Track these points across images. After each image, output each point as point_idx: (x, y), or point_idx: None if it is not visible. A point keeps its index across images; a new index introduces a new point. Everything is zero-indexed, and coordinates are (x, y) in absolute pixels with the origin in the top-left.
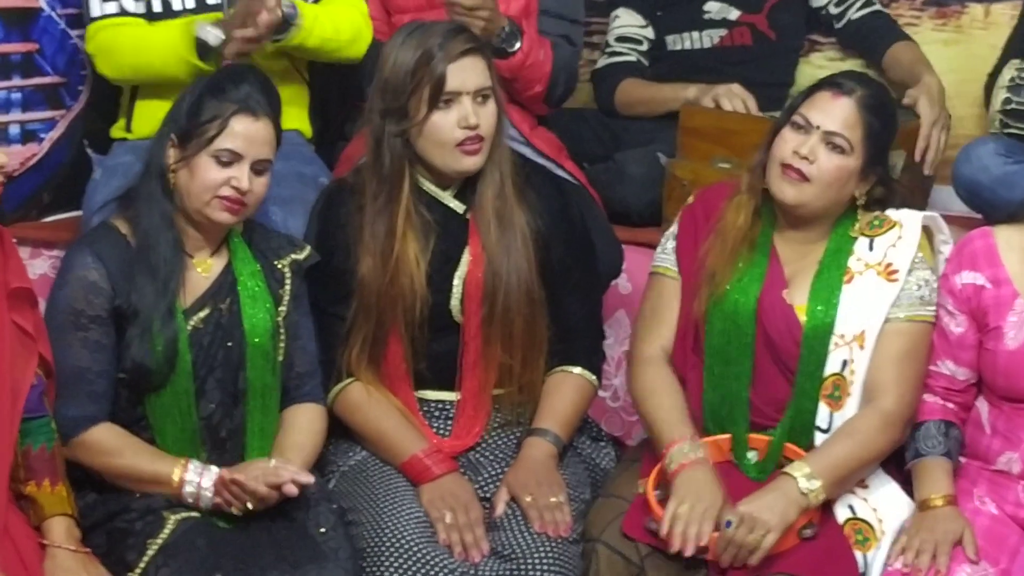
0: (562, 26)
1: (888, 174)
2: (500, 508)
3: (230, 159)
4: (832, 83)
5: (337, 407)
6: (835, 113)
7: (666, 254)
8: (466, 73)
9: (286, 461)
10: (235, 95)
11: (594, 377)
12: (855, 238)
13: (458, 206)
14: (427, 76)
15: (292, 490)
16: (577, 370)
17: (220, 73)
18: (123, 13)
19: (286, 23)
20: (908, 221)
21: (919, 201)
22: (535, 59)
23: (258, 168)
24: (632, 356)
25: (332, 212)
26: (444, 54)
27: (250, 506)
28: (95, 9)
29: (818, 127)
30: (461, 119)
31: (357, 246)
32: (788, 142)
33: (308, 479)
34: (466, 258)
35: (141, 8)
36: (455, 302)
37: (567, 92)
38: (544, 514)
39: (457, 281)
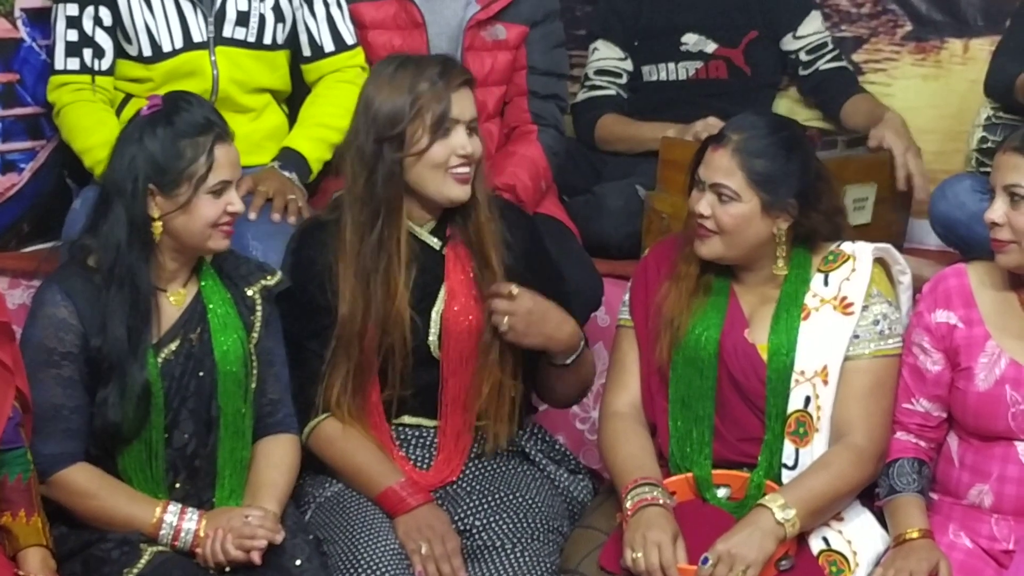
0: (550, 84)
1: (810, 205)
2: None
3: (223, 189)
4: (714, 136)
5: (312, 442)
6: (714, 165)
7: (625, 306)
8: (464, 103)
9: (262, 514)
10: (199, 124)
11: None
12: (811, 275)
13: (435, 242)
14: (428, 104)
15: (256, 559)
16: None
17: (166, 109)
18: (85, 70)
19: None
20: (860, 254)
21: (895, 235)
22: (535, 189)
23: (238, 186)
24: (600, 410)
25: (307, 248)
26: (446, 83)
27: (227, 569)
28: (59, 61)
29: (706, 182)
30: (458, 147)
31: (335, 281)
32: (692, 202)
33: (280, 537)
34: (443, 294)
35: (134, 50)
36: (432, 338)
37: (564, 156)
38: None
39: (435, 317)
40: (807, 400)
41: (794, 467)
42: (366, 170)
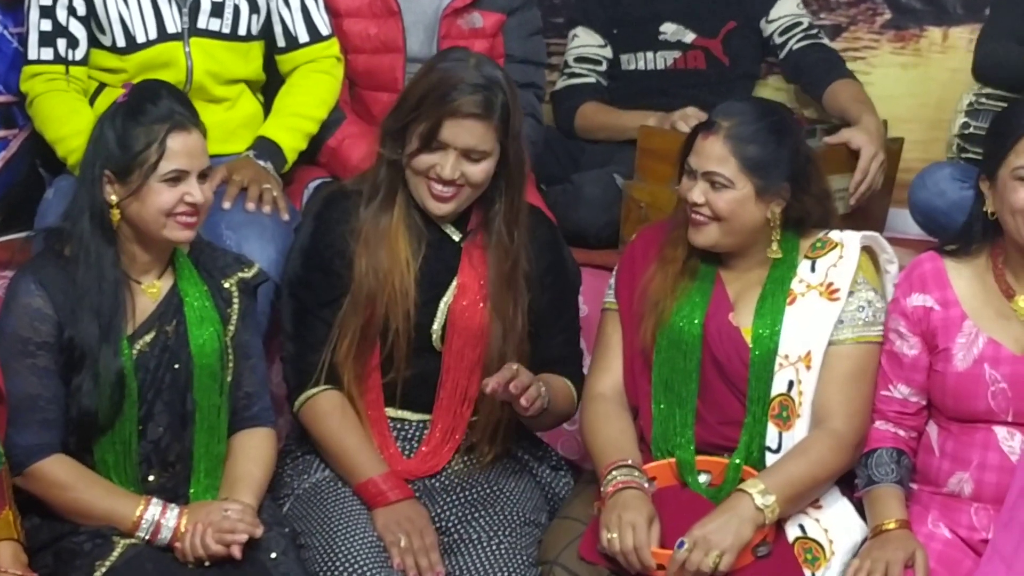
0: (528, 72)
1: (801, 189)
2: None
3: (178, 177)
4: (704, 124)
5: (304, 413)
6: (706, 153)
7: (611, 289)
8: (462, 131)
9: (240, 507)
10: (158, 113)
11: (576, 397)
12: (798, 260)
13: (454, 232)
14: (426, 114)
15: (236, 553)
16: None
17: (132, 96)
18: (59, 59)
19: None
20: (848, 241)
21: (876, 224)
22: None
23: (203, 176)
24: (583, 392)
25: (329, 215)
26: (453, 105)
27: (207, 564)
28: (32, 51)
29: (698, 170)
30: (437, 166)
31: (353, 248)
32: (683, 190)
33: (259, 532)
34: (453, 286)
35: (108, 41)
36: (436, 327)
37: (541, 145)
38: None
39: (442, 306)
40: (790, 384)
41: (778, 450)
42: (380, 147)
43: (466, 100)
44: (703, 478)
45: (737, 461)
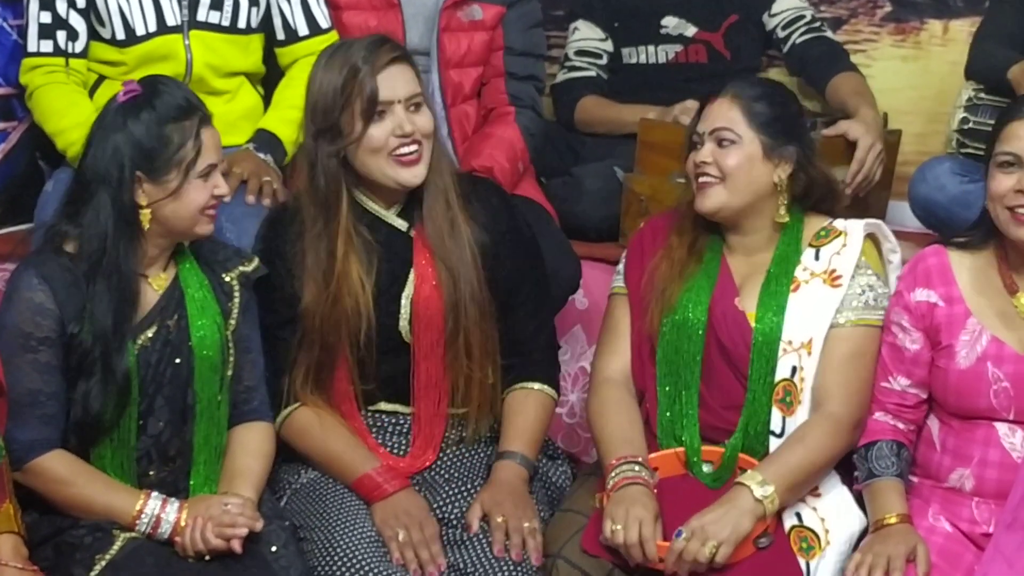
0: (528, 64)
1: (807, 158)
2: (475, 525)
3: (210, 172)
4: (712, 94)
5: (285, 432)
6: (714, 113)
7: (619, 275)
8: (396, 81)
9: (241, 501)
10: (180, 108)
11: (553, 390)
12: (802, 248)
13: (401, 224)
14: (357, 90)
15: (236, 547)
16: (537, 386)
17: (146, 95)
18: (58, 52)
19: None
20: (852, 229)
21: (875, 216)
22: (513, 171)
23: (223, 170)
24: (591, 376)
25: (273, 237)
26: (371, 66)
27: (207, 557)
28: (32, 43)
29: (704, 132)
30: (396, 127)
31: (300, 272)
32: (690, 159)
33: (259, 525)
34: (412, 277)
35: (107, 33)
36: (403, 323)
37: (541, 138)
38: (514, 536)
39: (405, 301)
40: (793, 370)
41: (781, 434)
42: (308, 164)
43: (380, 51)
44: (706, 468)
45: (733, 447)
